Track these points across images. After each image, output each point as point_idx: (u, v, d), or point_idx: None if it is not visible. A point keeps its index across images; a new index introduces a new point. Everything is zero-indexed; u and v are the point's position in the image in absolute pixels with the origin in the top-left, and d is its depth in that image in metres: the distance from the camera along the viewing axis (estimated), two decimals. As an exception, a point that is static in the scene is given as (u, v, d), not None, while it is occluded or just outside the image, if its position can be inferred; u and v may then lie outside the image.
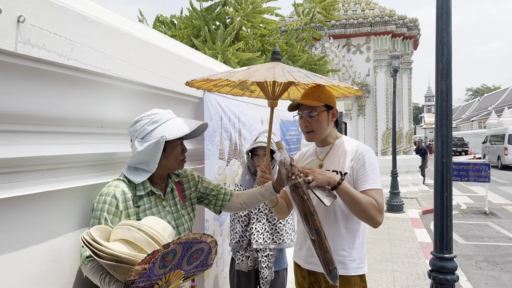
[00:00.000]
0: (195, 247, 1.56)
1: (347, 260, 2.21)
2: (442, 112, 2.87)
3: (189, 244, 1.52)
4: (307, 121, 2.25)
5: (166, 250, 1.42)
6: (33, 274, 1.57)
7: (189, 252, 1.56)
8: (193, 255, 1.59)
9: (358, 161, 2.20)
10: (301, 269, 2.39)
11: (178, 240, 1.45)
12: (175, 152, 1.91)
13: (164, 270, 1.50)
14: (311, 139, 2.34)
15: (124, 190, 1.77)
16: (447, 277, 2.84)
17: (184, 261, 1.57)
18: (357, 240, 2.25)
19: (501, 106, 41.11)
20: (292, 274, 2.60)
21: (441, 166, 2.89)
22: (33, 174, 1.56)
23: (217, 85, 2.37)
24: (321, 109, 2.24)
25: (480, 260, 6.58)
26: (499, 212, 10.57)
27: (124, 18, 2.18)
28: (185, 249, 1.52)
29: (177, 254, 1.50)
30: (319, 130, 2.26)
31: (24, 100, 1.48)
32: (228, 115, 3.21)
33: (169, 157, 1.90)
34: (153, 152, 1.80)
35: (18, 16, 1.34)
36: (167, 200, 1.95)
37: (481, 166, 10.13)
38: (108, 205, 1.71)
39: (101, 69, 1.78)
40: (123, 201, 1.75)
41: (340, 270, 2.15)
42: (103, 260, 1.48)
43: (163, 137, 1.79)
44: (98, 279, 1.60)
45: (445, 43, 2.84)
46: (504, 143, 22.82)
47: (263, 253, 2.91)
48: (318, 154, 2.40)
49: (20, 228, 1.51)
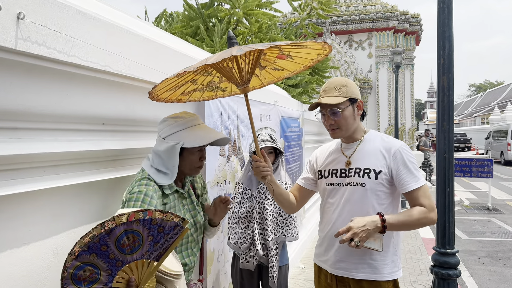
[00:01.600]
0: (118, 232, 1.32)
1: (381, 265, 2.06)
2: (444, 107, 2.87)
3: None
4: (331, 119, 2.11)
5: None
6: (35, 271, 1.57)
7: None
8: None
9: (395, 160, 2.05)
10: (326, 274, 2.22)
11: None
12: (192, 158, 1.94)
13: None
14: (337, 136, 2.18)
15: (155, 187, 1.80)
16: (450, 272, 2.85)
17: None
18: (391, 242, 2.10)
19: (504, 101, 40.95)
20: (294, 271, 2.58)
21: (443, 161, 2.89)
22: (34, 171, 1.57)
23: (185, 93, 2.09)
24: (346, 104, 2.09)
25: (483, 255, 6.57)
26: (502, 208, 10.55)
27: (124, 15, 2.18)
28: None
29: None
30: (345, 126, 2.11)
31: (25, 97, 1.48)
32: (227, 111, 3.21)
33: (185, 161, 1.92)
34: (171, 155, 1.83)
35: (18, 13, 1.34)
36: (186, 199, 2.01)
37: (484, 162, 10.09)
38: (141, 202, 1.70)
39: (101, 66, 1.77)
40: (157, 197, 1.78)
41: (373, 275, 2.05)
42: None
43: (180, 143, 1.83)
44: None
45: (447, 37, 2.83)
46: (507, 138, 22.72)
47: (271, 250, 2.90)
48: (343, 150, 2.23)
49: (22, 225, 1.51)
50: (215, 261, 3.12)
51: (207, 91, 2.21)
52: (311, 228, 6.98)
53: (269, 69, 2.18)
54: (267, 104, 4.40)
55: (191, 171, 1.98)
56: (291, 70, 2.19)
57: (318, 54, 2.01)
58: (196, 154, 1.95)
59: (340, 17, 16.09)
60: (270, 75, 2.24)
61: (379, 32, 16.16)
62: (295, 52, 1.98)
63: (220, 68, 1.89)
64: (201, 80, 2.05)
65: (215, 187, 3.05)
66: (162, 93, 1.96)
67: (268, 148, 2.94)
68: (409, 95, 16.71)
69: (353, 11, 16.31)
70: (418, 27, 16.73)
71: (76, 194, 1.78)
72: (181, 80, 1.92)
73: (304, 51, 1.99)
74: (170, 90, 1.96)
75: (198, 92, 2.16)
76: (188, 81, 1.99)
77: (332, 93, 2.10)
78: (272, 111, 4.60)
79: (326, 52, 1.98)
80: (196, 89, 2.11)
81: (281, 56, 2.00)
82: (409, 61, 16.77)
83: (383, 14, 15.92)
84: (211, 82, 2.11)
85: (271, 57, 2.04)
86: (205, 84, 2.11)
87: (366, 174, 2.07)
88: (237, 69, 1.90)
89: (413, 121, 16.48)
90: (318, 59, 2.05)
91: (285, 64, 2.13)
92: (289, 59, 2.06)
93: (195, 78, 2.02)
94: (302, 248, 6.18)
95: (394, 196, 2.13)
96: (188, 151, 1.91)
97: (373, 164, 2.08)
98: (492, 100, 48.39)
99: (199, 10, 5.63)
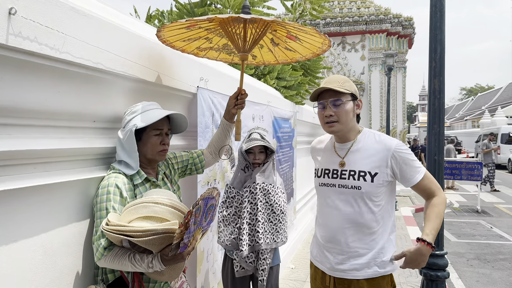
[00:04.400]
0: (210, 202, 1.70)
1: (379, 263, 2.08)
2: (435, 110, 2.89)
3: (207, 200, 1.68)
4: (331, 109, 2.07)
5: (196, 207, 1.58)
6: (24, 269, 1.56)
7: (206, 208, 1.69)
8: (208, 210, 1.72)
9: (396, 161, 2.05)
10: (323, 275, 2.22)
11: (201, 197, 1.62)
12: (151, 141, 1.97)
13: (195, 226, 1.64)
14: (333, 130, 2.12)
15: (124, 180, 1.84)
16: (438, 274, 2.87)
17: (203, 217, 1.70)
18: (390, 241, 2.13)
19: (494, 105, 41.34)
20: (284, 271, 2.58)
21: (434, 163, 2.92)
22: (24, 167, 1.55)
23: (201, 49, 2.28)
24: (348, 98, 2.07)
25: (472, 257, 6.63)
26: (491, 211, 10.66)
27: (117, 12, 2.17)
28: (204, 206, 1.67)
29: (201, 210, 1.64)
30: (344, 120, 2.08)
31: (15, 93, 1.46)
32: (219, 111, 3.20)
33: (145, 146, 1.97)
34: (129, 140, 1.87)
35: (9, 8, 1.33)
36: (160, 186, 2.03)
37: (474, 165, 10.17)
38: (113, 194, 1.76)
39: (93, 63, 1.76)
40: (127, 190, 1.82)
41: (372, 273, 2.07)
42: (140, 238, 1.57)
43: (134, 125, 1.86)
44: (127, 261, 1.68)
45: (439, 41, 2.85)
46: (497, 142, 22.95)
47: (264, 253, 2.88)
48: (337, 150, 2.20)
49: (11, 222, 1.50)
50: (204, 260, 3.11)
51: (223, 53, 2.40)
52: (302, 229, 7.00)
53: (282, 47, 2.35)
54: (260, 105, 4.40)
55: (153, 156, 2.00)
56: (303, 54, 2.35)
57: (322, 43, 2.16)
58: (155, 138, 1.98)
59: (333, 18, 16.14)
60: (284, 54, 2.42)
61: (372, 35, 16.24)
62: (301, 35, 2.12)
63: (227, 30, 2.02)
64: (216, 40, 2.24)
65: (206, 186, 3.04)
66: (174, 41, 2.10)
67: (259, 148, 2.94)
68: (401, 97, 16.81)
69: (347, 13, 16.38)
70: (411, 30, 16.85)
71: (66, 192, 1.77)
72: (193, 33, 2.08)
73: (309, 37, 2.12)
74: (184, 41, 2.10)
75: (215, 51, 2.35)
76: (202, 37, 2.16)
77: (336, 85, 2.07)
78: (265, 111, 4.60)
79: (326, 43, 2.13)
80: (212, 48, 2.31)
81: (290, 37, 2.15)
82: (402, 64, 16.88)
83: (376, 17, 16.01)
84: (226, 45, 2.29)
85: (281, 35, 2.19)
86: (220, 45, 2.28)
87: (361, 177, 2.07)
88: (242, 35, 2.05)
89: (405, 124, 16.59)
90: (324, 48, 2.21)
91: (296, 46, 2.28)
92: (298, 42, 2.21)
93: (209, 37, 2.19)
94: (293, 248, 6.19)
95: (389, 195, 2.15)
96: (146, 135, 1.95)
97: (368, 167, 2.07)
98: (482, 104, 48.84)
99: (192, 9, 5.63)
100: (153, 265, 1.67)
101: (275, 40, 2.28)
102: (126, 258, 1.68)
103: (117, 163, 1.92)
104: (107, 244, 1.69)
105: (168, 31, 2.05)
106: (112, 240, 1.67)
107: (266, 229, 2.88)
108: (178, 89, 2.59)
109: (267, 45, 2.39)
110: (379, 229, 2.09)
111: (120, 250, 1.71)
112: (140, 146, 1.93)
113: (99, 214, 1.75)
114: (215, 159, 2.53)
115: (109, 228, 1.61)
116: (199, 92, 2.83)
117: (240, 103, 2.31)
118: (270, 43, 2.35)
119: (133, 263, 1.68)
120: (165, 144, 2.02)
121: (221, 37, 2.20)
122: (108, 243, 1.70)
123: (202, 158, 2.46)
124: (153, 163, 2.07)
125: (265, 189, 2.91)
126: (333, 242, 2.14)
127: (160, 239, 1.62)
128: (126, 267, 1.70)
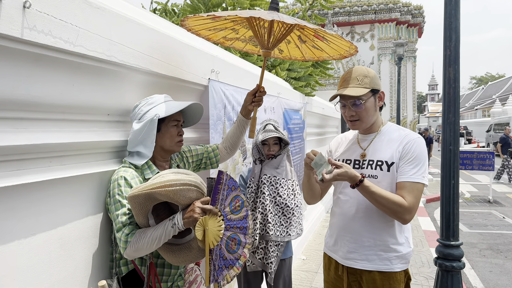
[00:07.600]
0: (233, 193, 1.78)
1: (393, 256, 2.06)
2: (450, 99, 2.85)
3: (232, 182, 1.81)
4: (351, 110, 2.06)
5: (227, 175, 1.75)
6: (42, 261, 1.57)
7: (231, 193, 1.77)
8: (235, 200, 1.78)
9: (404, 151, 2.01)
10: (337, 265, 2.22)
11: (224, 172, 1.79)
12: (170, 132, 1.98)
13: (220, 196, 1.76)
14: (357, 127, 2.15)
15: (133, 173, 1.85)
16: (453, 264, 2.85)
17: (227, 201, 1.80)
18: (403, 234, 2.10)
19: (505, 94, 40.82)
20: (296, 262, 2.58)
21: (449, 153, 2.88)
22: (41, 161, 1.56)
23: (227, 39, 2.31)
24: (368, 96, 2.04)
25: (484, 248, 6.58)
26: (503, 201, 10.56)
27: (128, 4, 2.16)
28: (229, 188, 1.79)
29: (226, 184, 1.75)
30: (366, 118, 2.08)
31: (31, 87, 1.46)
32: (232, 103, 3.19)
33: (164, 137, 1.97)
34: (148, 130, 1.87)
35: (24, 2, 1.33)
36: None
37: (485, 155, 10.08)
38: (124, 187, 1.78)
39: (107, 56, 1.76)
40: (136, 183, 1.82)
41: (385, 267, 2.05)
42: (170, 188, 1.64)
43: (156, 115, 1.87)
44: (151, 232, 1.71)
45: (454, 29, 2.80)
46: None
47: (272, 246, 2.88)
48: (360, 142, 2.20)
49: (28, 216, 1.51)
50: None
51: (249, 44, 2.43)
52: (313, 220, 7.00)
53: (309, 45, 2.36)
54: (271, 96, 4.38)
55: (172, 146, 2.01)
56: (330, 54, 2.36)
57: (349, 47, 2.20)
58: (174, 128, 1.99)
59: (342, 8, 15.98)
60: (311, 52, 2.43)
61: (382, 24, 16.06)
62: (328, 37, 2.14)
63: (252, 24, 2.03)
64: (243, 31, 2.26)
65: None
66: (200, 30, 2.13)
67: (273, 139, 2.93)
68: (411, 87, 16.66)
69: (356, 2, 16.20)
70: (420, 19, 16.62)
71: (82, 185, 1.77)
72: (219, 24, 2.11)
73: (336, 40, 2.15)
74: (209, 30, 2.14)
75: (241, 42, 2.37)
76: (228, 28, 2.19)
77: (354, 83, 2.05)
78: (275, 103, 4.58)
79: (354, 47, 2.16)
80: (238, 39, 2.33)
81: (318, 36, 2.14)
82: (411, 53, 16.70)
83: (385, 6, 15.81)
84: (252, 37, 2.31)
85: (308, 33, 2.21)
86: (247, 37, 2.31)
87: (378, 166, 2.06)
88: (267, 31, 2.06)
89: (415, 114, 16.46)
90: (352, 52, 2.24)
91: (323, 45, 2.30)
92: (325, 42, 2.23)
93: (236, 28, 2.23)
94: (304, 240, 6.20)
95: None
96: (165, 125, 1.96)
97: (386, 156, 2.05)
98: (493, 93, 48.25)
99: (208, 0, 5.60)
100: (177, 223, 1.70)
101: (302, 37, 2.28)
102: (150, 230, 1.71)
103: (129, 156, 1.94)
104: (129, 230, 1.72)
105: (192, 21, 2.08)
106: (139, 212, 1.68)
107: (277, 222, 2.88)
108: (189, 81, 2.57)
109: (294, 41, 2.40)
110: (394, 221, 2.06)
111: (142, 230, 1.74)
112: (158, 137, 1.94)
113: (113, 208, 1.77)
114: (230, 154, 2.53)
115: (137, 190, 1.64)
116: (210, 84, 2.82)
117: (258, 101, 2.29)
118: (297, 40, 2.35)
119: (156, 230, 1.71)
120: (181, 135, 2.05)
121: (248, 29, 2.21)
122: (130, 229, 1.73)
123: (217, 152, 2.46)
124: (169, 155, 2.07)
125: (275, 181, 2.90)
126: (346, 229, 2.14)
127: (186, 191, 1.67)
128: (152, 241, 1.70)
